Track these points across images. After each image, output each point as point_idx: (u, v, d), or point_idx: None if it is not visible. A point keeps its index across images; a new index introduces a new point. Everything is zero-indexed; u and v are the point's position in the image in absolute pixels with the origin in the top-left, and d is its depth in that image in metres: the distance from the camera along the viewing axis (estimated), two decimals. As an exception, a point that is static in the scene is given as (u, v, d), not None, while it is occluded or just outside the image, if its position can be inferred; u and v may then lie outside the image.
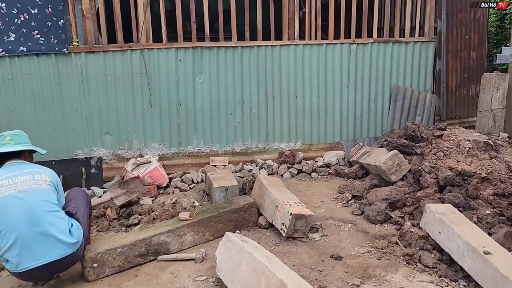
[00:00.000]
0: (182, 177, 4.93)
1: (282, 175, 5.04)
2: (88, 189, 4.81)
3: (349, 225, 3.75)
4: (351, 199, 4.15)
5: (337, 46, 5.21)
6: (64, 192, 3.37)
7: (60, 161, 4.83)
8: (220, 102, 5.08)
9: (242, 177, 4.90)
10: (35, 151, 3.22)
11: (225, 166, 5.10)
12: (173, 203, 4.31)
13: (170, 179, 4.90)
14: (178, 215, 3.70)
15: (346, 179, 4.81)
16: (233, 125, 5.17)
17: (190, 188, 4.80)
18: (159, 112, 4.95)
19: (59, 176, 4.82)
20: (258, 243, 3.44)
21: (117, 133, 4.91)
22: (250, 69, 5.07)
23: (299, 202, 3.63)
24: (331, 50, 5.21)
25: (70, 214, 3.00)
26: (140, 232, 3.37)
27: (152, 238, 3.27)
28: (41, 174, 2.96)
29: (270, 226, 3.70)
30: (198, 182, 4.91)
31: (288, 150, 5.26)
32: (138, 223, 3.91)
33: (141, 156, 4.99)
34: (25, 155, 3.14)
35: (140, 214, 4.05)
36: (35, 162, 3.15)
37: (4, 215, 2.68)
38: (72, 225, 2.92)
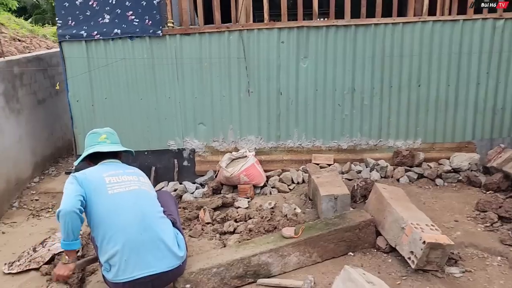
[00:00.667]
0: (281, 176, 4.41)
1: (398, 180, 4.27)
2: (180, 183, 4.52)
3: (499, 258, 2.92)
4: (496, 222, 3.28)
5: (478, 22, 4.20)
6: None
7: (152, 152, 4.59)
8: (326, 91, 4.41)
9: (350, 180, 4.24)
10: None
11: (329, 165, 4.47)
12: (272, 208, 3.81)
13: (268, 177, 4.41)
14: (280, 229, 3.22)
15: (484, 191, 3.90)
16: (340, 118, 4.49)
17: (290, 190, 4.26)
18: (257, 101, 4.44)
19: (151, 167, 4.65)
20: (378, 272, 2.82)
21: (211, 123, 4.52)
22: (364, 52, 4.31)
23: (432, 225, 2.88)
24: (469, 28, 4.22)
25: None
26: (237, 249, 2.91)
27: (251, 258, 2.80)
28: (144, 177, 2.76)
29: (392, 250, 3.03)
30: (298, 183, 4.35)
31: (406, 150, 4.45)
32: (234, 232, 3.47)
33: (236, 149, 4.56)
34: (120, 156, 2.90)
35: (235, 221, 3.61)
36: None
37: (114, 214, 2.41)
38: (177, 234, 2.62)
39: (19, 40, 7.68)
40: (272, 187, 4.33)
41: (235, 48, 4.29)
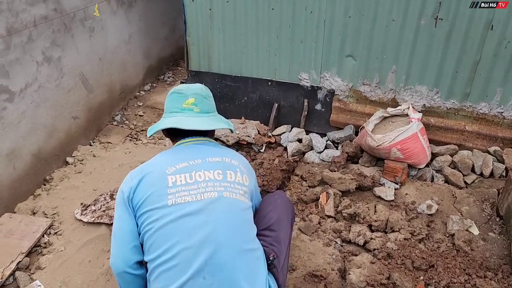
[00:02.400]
0: (455, 157, 2.96)
1: None
2: (306, 133, 3.43)
3: None
4: None
5: None
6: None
7: (278, 84, 3.49)
8: None
9: None
10: None
11: (544, 157, 2.84)
12: (430, 215, 2.54)
13: (433, 155, 3.02)
14: (439, 271, 2.00)
15: None
16: None
17: (466, 185, 2.84)
18: (446, 34, 2.85)
19: (273, 103, 3.60)
20: None
21: (365, 58, 3.13)
22: None
23: None
24: None
25: (266, 257, 1.72)
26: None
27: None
28: (235, 171, 1.73)
29: None
30: (482, 175, 2.88)
31: None
32: (364, 247, 2.36)
33: (395, 102, 3.18)
34: (212, 132, 1.98)
35: (370, 228, 2.46)
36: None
37: (170, 239, 1.53)
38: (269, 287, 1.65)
39: None
40: (437, 171, 2.97)
41: None
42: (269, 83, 3.51)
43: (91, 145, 3.58)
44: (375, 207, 2.58)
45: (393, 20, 2.92)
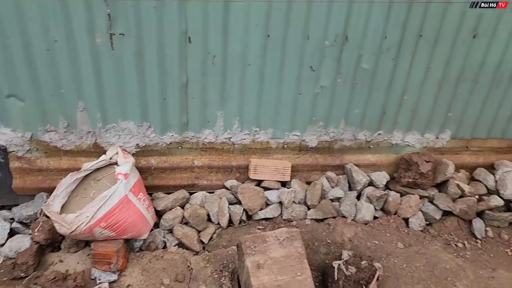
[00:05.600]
0: (186, 210, 2.31)
1: (407, 220, 2.41)
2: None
3: None
4: None
5: None
6: None
7: None
8: (288, 40, 2.13)
9: (321, 220, 2.32)
10: None
11: (283, 184, 2.44)
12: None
13: (160, 213, 2.32)
14: None
15: None
16: (311, 92, 2.32)
17: (203, 245, 2.23)
18: (133, 52, 2.07)
19: None
20: None
21: (36, 96, 2.11)
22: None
23: None
24: None
25: None
26: None
27: None
28: None
29: None
30: (220, 227, 2.32)
31: (422, 152, 2.51)
32: None
33: (99, 148, 2.32)
34: None
35: None
36: None
37: None
38: None
39: None
40: (169, 231, 2.30)
41: None
42: None
43: None
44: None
45: (56, 40, 1.98)
